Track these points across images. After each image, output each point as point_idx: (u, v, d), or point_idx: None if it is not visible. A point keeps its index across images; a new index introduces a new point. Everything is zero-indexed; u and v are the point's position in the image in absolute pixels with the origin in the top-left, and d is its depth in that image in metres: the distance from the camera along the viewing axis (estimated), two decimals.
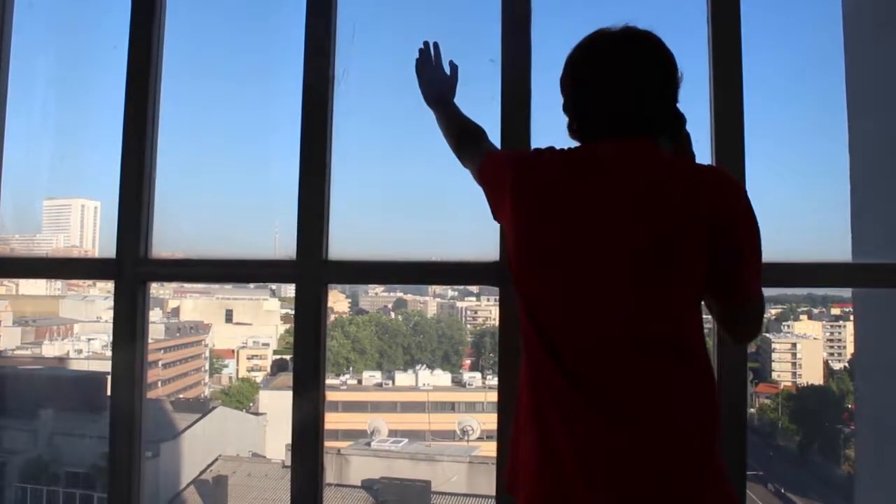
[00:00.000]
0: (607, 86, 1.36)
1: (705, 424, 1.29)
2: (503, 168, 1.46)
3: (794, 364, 16.63)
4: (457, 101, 1.82)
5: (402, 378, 16.65)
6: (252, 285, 18.84)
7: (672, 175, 1.31)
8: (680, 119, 1.42)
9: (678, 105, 1.41)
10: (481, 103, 1.98)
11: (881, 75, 2.38)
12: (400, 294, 19.91)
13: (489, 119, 1.94)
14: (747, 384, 2.00)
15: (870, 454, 2.69)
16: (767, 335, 16.41)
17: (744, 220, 1.31)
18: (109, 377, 2.10)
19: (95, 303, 16.39)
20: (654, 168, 1.32)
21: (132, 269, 2.11)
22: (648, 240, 1.27)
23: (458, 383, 16.57)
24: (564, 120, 1.45)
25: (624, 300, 1.28)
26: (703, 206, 1.27)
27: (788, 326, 17.06)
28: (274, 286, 18.31)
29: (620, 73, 1.35)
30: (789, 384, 16.49)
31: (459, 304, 19.63)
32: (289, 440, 2.06)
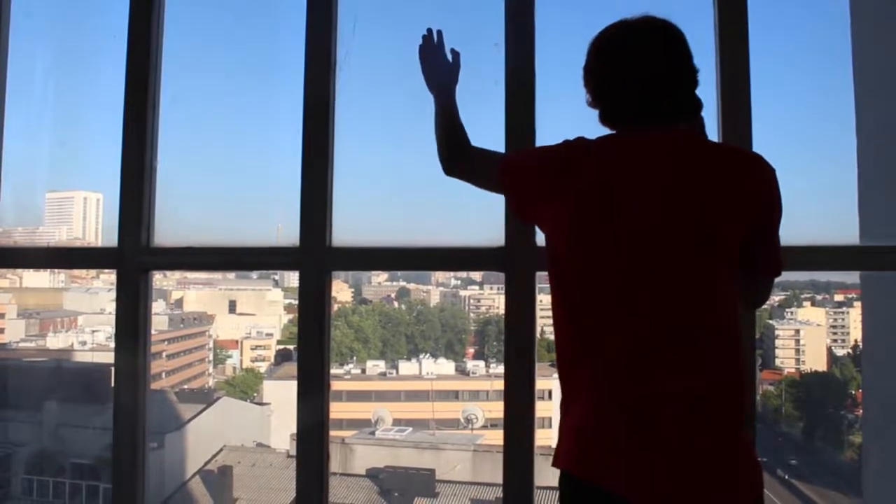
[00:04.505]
0: (642, 75, 1.40)
1: (737, 394, 1.37)
2: (553, 165, 1.45)
3: (797, 351, 16.62)
4: (460, 88, 1.81)
5: (406, 367, 16.64)
6: (255, 275, 18.87)
7: (721, 159, 1.40)
8: (698, 105, 1.48)
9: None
10: (485, 90, 1.97)
11: (889, 57, 2.36)
12: (403, 283, 19.89)
13: (493, 106, 1.94)
14: (755, 370, 2.02)
15: (877, 440, 2.68)
16: (771, 322, 16.38)
17: (778, 199, 1.42)
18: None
19: (99, 295, 16.39)
20: (703, 154, 1.40)
21: (134, 258, 2.10)
22: (703, 223, 1.33)
23: (462, 372, 16.56)
24: (568, 105, 1.47)
25: (676, 285, 1.33)
26: (753, 186, 1.37)
27: (792, 313, 17.03)
28: (277, 276, 18.31)
29: (655, 63, 1.40)
30: (793, 371, 16.48)
31: (463, 292, 19.60)
32: (293, 430, 2.06)
